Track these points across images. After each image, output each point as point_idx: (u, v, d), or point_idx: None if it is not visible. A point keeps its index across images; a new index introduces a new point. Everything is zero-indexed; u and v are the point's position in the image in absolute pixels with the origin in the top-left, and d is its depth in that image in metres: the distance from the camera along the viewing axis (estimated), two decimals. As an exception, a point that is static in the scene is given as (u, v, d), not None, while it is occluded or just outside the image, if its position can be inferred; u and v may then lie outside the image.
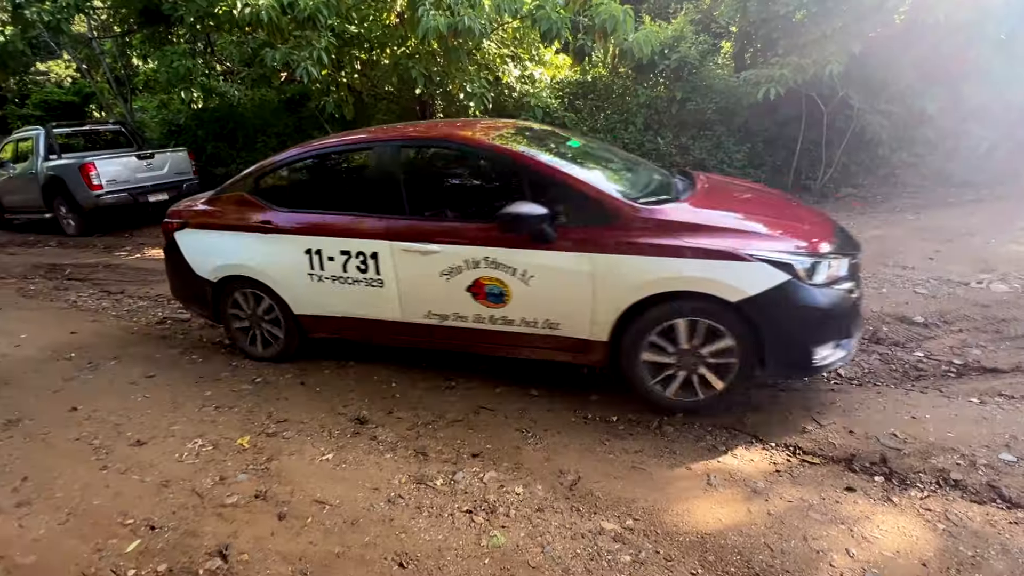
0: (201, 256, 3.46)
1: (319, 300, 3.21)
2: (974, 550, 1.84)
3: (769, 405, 2.78)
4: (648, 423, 2.71)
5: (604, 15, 5.97)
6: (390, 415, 2.84)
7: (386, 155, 3.03)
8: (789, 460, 2.38)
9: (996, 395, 2.83)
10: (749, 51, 9.38)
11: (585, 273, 2.57)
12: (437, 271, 2.83)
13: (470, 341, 2.98)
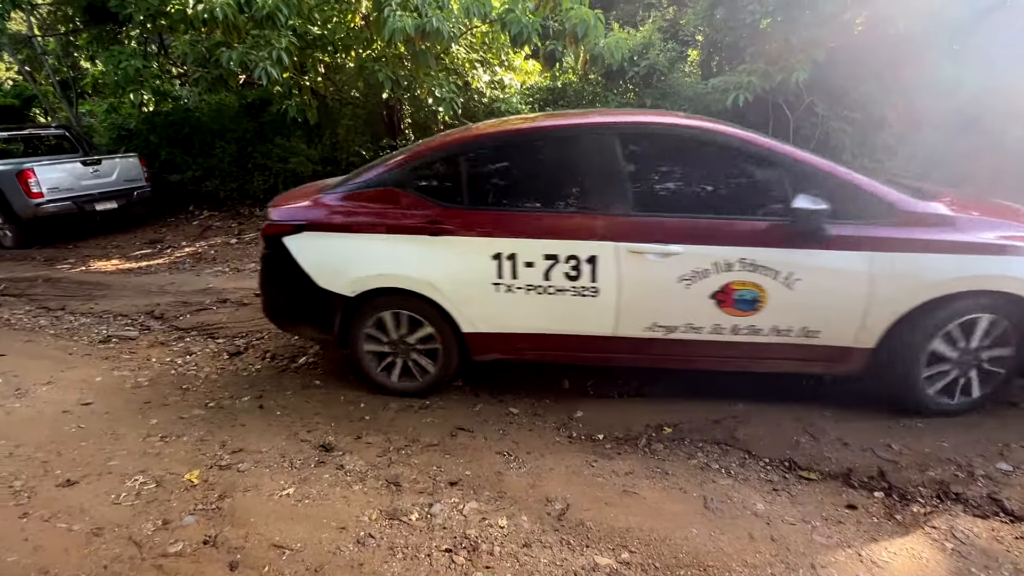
0: (331, 265, 2.79)
1: (503, 315, 2.69)
2: (986, 571, 1.75)
3: (759, 416, 2.67)
4: (636, 440, 2.56)
5: (575, 20, 5.88)
6: (359, 440, 2.60)
7: (602, 142, 2.58)
8: (786, 477, 2.27)
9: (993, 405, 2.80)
10: (716, 59, 9.50)
11: (862, 273, 2.35)
12: (675, 276, 2.48)
13: (697, 355, 2.65)
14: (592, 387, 3.15)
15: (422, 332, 2.83)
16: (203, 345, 3.85)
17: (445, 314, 2.73)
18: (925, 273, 2.32)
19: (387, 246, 2.72)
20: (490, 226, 2.63)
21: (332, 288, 2.78)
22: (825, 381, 2.95)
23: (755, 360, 2.62)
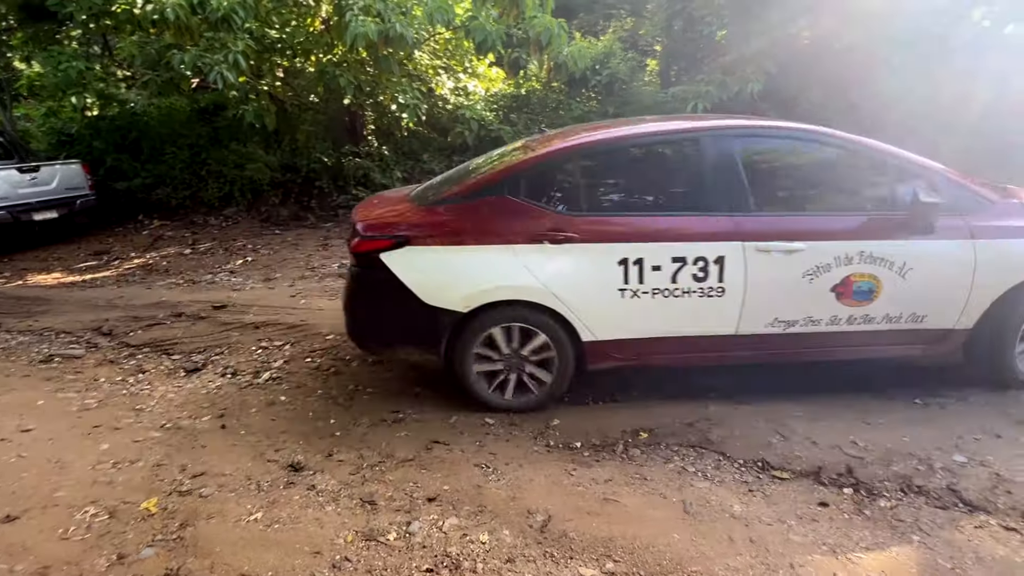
0: (441, 280, 2.63)
1: (627, 321, 2.68)
2: (952, 561, 1.82)
3: (731, 418, 2.72)
4: (613, 447, 2.56)
5: (538, 28, 5.94)
6: (330, 458, 2.50)
7: (724, 145, 2.67)
8: (759, 477, 2.31)
9: (935, 395, 2.95)
10: (674, 68, 9.78)
11: (967, 261, 2.59)
12: (800, 272, 2.59)
13: (810, 346, 2.77)
14: (567, 394, 3.15)
15: (535, 343, 2.71)
16: (157, 362, 3.65)
17: (563, 323, 2.66)
18: (1019, 257, 2.64)
19: (504, 257, 2.61)
20: (616, 232, 2.64)
21: (442, 304, 2.62)
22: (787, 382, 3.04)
23: (863, 348, 2.81)
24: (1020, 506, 2.09)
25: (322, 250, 6.05)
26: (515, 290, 2.62)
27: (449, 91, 7.51)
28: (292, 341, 3.80)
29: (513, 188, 2.67)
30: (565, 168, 2.77)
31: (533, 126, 8.42)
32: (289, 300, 4.54)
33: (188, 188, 7.78)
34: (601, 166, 2.83)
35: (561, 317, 2.64)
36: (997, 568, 1.80)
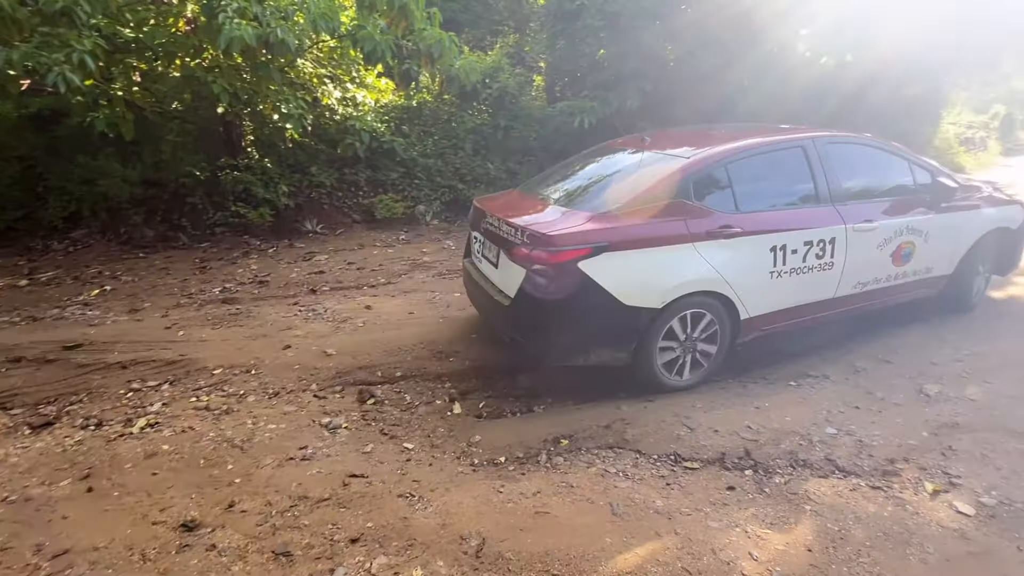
0: (639, 281, 2.86)
1: (770, 297, 3.25)
2: (837, 524, 2.07)
3: (642, 416, 2.87)
4: (537, 458, 2.59)
5: (429, 40, 5.89)
6: (231, 509, 2.23)
7: (813, 154, 3.39)
8: (674, 470, 2.46)
9: (804, 376, 3.37)
10: (559, 84, 10.26)
11: (955, 227, 3.89)
12: (875, 244, 3.50)
13: (872, 300, 3.68)
14: (485, 408, 3.13)
15: (703, 324, 3.11)
16: (-10, 421, 3.01)
17: (727, 304, 3.09)
18: (980, 223, 4.03)
19: (689, 254, 2.94)
20: (767, 224, 3.16)
21: (640, 304, 2.87)
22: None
23: (899, 295, 3.82)
24: (880, 466, 2.45)
25: (199, 273, 5.43)
26: (699, 282, 2.99)
27: (336, 101, 7.17)
28: (171, 379, 3.35)
29: (685, 192, 3.02)
30: (720, 172, 3.18)
31: (427, 138, 8.34)
32: (163, 333, 4.00)
33: (20, 208, 6.56)
34: (745, 169, 3.26)
35: (726, 299, 3.09)
36: (871, 523, 2.08)
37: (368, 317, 4.26)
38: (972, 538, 2.03)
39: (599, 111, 8.05)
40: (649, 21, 8.06)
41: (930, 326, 4.12)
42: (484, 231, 3.42)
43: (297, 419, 2.90)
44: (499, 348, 3.75)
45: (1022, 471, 2.42)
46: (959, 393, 3.11)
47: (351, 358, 3.55)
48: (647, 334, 2.96)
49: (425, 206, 7.75)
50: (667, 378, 3.13)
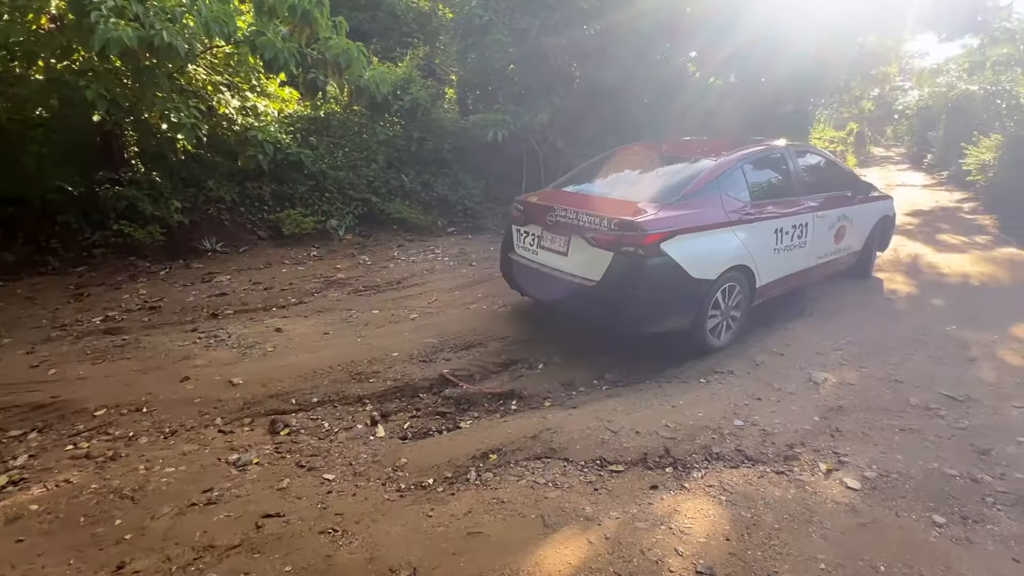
0: (701, 258, 3.56)
1: (773, 269, 4.17)
2: (750, 511, 2.22)
3: (568, 423, 2.92)
4: (466, 476, 2.53)
5: (336, 50, 5.69)
6: (120, 571, 1.96)
7: (789, 158, 4.50)
8: (600, 474, 2.52)
9: (712, 373, 3.60)
10: (471, 97, 10.34)
11: (865, 215, 5.32)
12: (826, 227, 4.69)
13: (822, 272, 4.91)
14: (410, 429, 3.03)
15: (734, 293, 3.89)
16: None
17: (748, 275, 3.92)
18: (880, 209, 5.63)
19: (729, 235, 3.76)
20: (771, 211, 4.10)
21: (703, 276, 3.58)
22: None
23: (832, 268, 5.03)
24: (782, 452, 2.67)
25: (74, 301, 4.79)
26: (737, 257, 3.80)
27: (235, 110, 6.69)
28: (40, 426, 2.91)
29: (719, 187, 3.81)
30: (738, 172, 4.00)
31: (337, 150, 8.03)
32: (29, 372, 3.47)
33: None
34: (753, 169, 4.15)
35: (749, 271, 3.92)
36: (778, 507, 2.25)
37: (279, 341, 3.99)
38: (860, 510, 2.26)
39: (512, 124, 8.20)
40: (555, 39, 8.36)
41: (813, 320, 4.60)
42: (548, 223, 3.90)
43: (199, 459, 2.63)
44: (422, 365, 3.66)
45: (895, 444, 2.75)
46: (841, 379, 3.48)
47: (260, 386, 3.29)
48: (703, 302, 3.66)
49: (337, 220, 7.44)
50: (712, 340, 3.87)
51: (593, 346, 4.12)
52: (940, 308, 4.96)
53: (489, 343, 4.04)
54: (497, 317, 4.58)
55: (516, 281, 4.36)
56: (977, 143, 13.15)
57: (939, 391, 3.31)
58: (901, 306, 5.04)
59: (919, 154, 21.53)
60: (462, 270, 6.26)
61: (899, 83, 24.40)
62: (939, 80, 21.16)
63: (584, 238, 3.60)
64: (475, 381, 3.55)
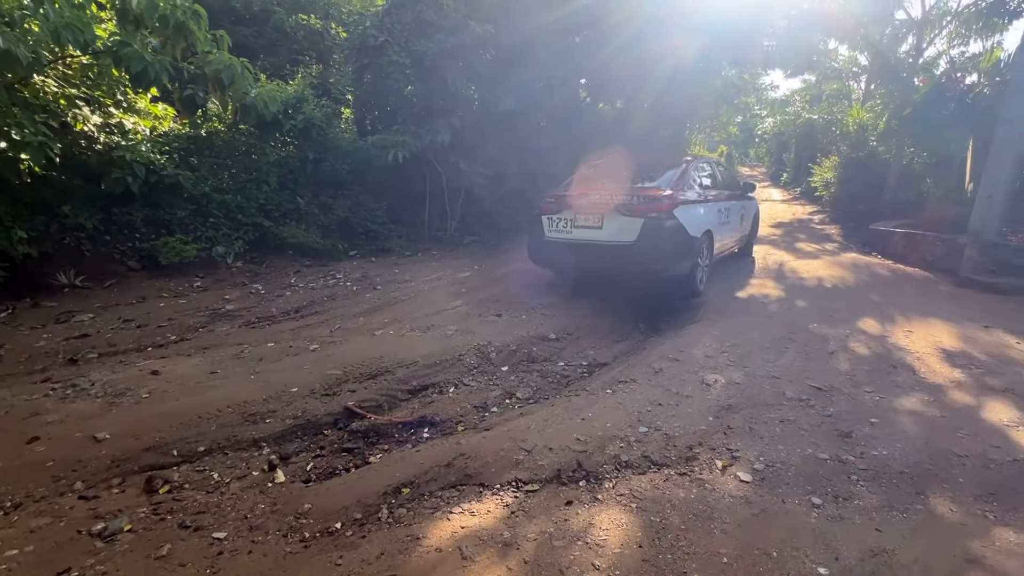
0: (694, 221, 5.48)
1: (721, 236, 6.28)
2: (658, 515, 2.32)
3: (482, 447, 2.88)
4: (377, 515, 2.40)
5: (217, 65, 5.31)
6: None
7: (713, 165, 6.96)
8: (517, 496, 2.51)
9: (616, 383, 3.76)
10: (369, 117, 10.13)
11: (750, 207, 7.84)
12: (736, 213, 7.00)
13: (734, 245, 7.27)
14: (314, 470, 2.82)
15: (706, 251, 5.84)
16: None
17: (710, 239, 5.86)
18: (754, 204, 8.16)
19: (703, 208, 5.78)
20: (714, 197, 6.19)
21: (695, 234, 5.40)
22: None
23: (738, 243, 7.40)
24: (683, 454, 2.84)
25: None
26: (706, 224, 5.72)
27: (96, 128, 5.96)
28: None
29: (691, 177, 5.90)
30: (695, 168, 6.15)
31: (222, 171, 7.45)
32: None
33: None
34: (700, 170, 6.34)
35: (711, 235, 5.89)
36: (683, 508, 2.38)
37: (155, 385, 3.55)
38: (753, 501, 2.46)
39: (412, 145, 8.14)
40: (452, 62, 8.47)
41: (703, 325, 5.00)
42: (582, 207, 5.47)
43: (53, 534, 2.24)
44: (325, 399, 3.44)
45: (776, 436, 3.03)
46: (728, 379, 3.80)
47: (133, 439, 2.89)
48: (697, 253, 5.53)
49: (225, 247, 6.86)
50: (699, 286, 5.80)
51: (503, 365, 4.14)
52: (803, 308, 5.63)
53: (397, 370, 3.91)
54: (405, 342, 4.45)
55: (551, 259, 5.91)
56: (820, 163, 15.27)
57: (808, 383, 3.73)
58: (773, 308, 5.64)
59: (777, 172, 24.56)
60: (366, 295, 6.04)
61: (757, 111, 27.75)
62: (788, 110, 24.40)
63: (619, 212, 5.25)
64: (384, 411, 3.41)
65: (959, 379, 3.84)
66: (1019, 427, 3.14)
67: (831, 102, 18.44)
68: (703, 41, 10.32)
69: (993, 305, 5.96)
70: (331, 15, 10.22)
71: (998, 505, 2.45)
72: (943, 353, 4.35)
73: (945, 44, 13.11)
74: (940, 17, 12.80)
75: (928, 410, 3.36)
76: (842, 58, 16.74)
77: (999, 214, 7.13)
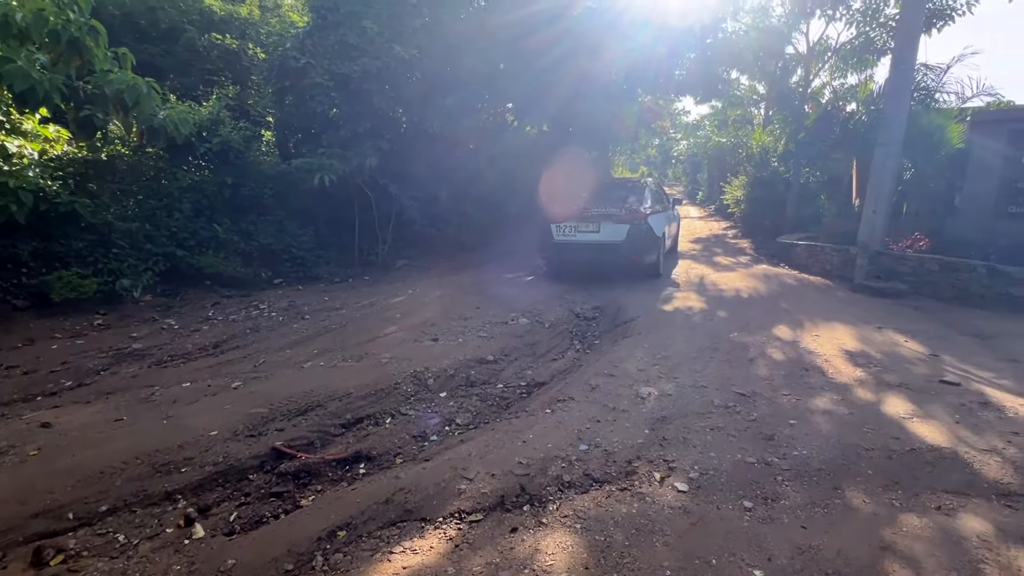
0: (659, 226, 8.14)
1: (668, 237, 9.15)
2: (603, 534, 2.33)
3: (421, 480, 2.78)
4: (311, 564, 2.24)
5: (118, 85, 4.92)
6: None
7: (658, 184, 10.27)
8: (460, 527, 2.43)
9: (555, 402, 3.79)
10: (292, 140, 9.78)
11: (677, 216, 10.70)
12: (673, 220, 9.96)
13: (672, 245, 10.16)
14: (238, 521, 2.59)
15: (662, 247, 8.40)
16: None
17: (663, 239, 8.45)
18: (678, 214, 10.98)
19: (659, 217, 8.32)
20: (660, 209, 8.63)
21: (658, 234, 8.01)
22: (462, 425, 3.39)
23: (672, 244, 10.20)
24: (623, 469, 2.89)
25: None
26: (661, 227, 8.26)
27: (-30, 151, 5.32)
28: None
29: (650, 195, 8.45)
30: (650, 190, 8.65)
31: (127, 198, 6.89)
32: None
33: None
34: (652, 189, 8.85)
35: (664, 236, 8.50)
36: (626, 523, 2.41)
37: (46, 440, 3.15)
38: (691, 510, 2.53)
39: (339, 168, 7.93)
40: (378, 85, 8.40)
41: (634, 339, 5.17)
42: (584, 217, 7.69)
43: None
44: (249, 441, 3.20)
45: (708, 443, 3.17)
46: (661, 391, 3.94)
47: (18, 505, 2.54)
48: (660, 247, 8.02)
49: (131, 280, 6.31)
50: (662, 271, 8.29)
51: (441, 391, 4.06)
52: (724, 319, 5.98)
53: (329, 403, 3.72)
54: (337, 373, 4.25)
55: (558, 255, 8.03)
56: (731, 183, 16.49)
57: (733, 390, 3.94)
58: (697, 320, 5.95)
59: (693, 191, 26.27)
60: (293, 325, 5.74)
61: (673, 135, 29.64)
62: (699, 133, 26.25)
63: (612, 220, 7.59)
64: (315, 449, 3.22)
65: (861, 377, 4.21)
66: (913, 419, 3.48)
67: (736, 126, 20.06)
68: (623, 70, 10.91)
69: (883, 308, 6.63)
70: (248, 35, 9.83)
71: (902, 493, 2.68)
72: (846, 354, 4.76)
73: (828, 76, 14.71)
74: (822, 53, 14.37)
75: (838, 408, 3.65)
76: (743, 87, 18.32)
77: (882, 226, 7.98)
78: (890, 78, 8.14)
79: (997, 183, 8.20)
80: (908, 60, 7.81)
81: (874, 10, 12.52)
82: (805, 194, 13.28)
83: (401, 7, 8.92)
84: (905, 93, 7.85)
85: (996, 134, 8.22)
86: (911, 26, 7.82)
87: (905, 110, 7.80)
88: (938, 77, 10.04)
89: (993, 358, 4.74)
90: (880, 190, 7.84)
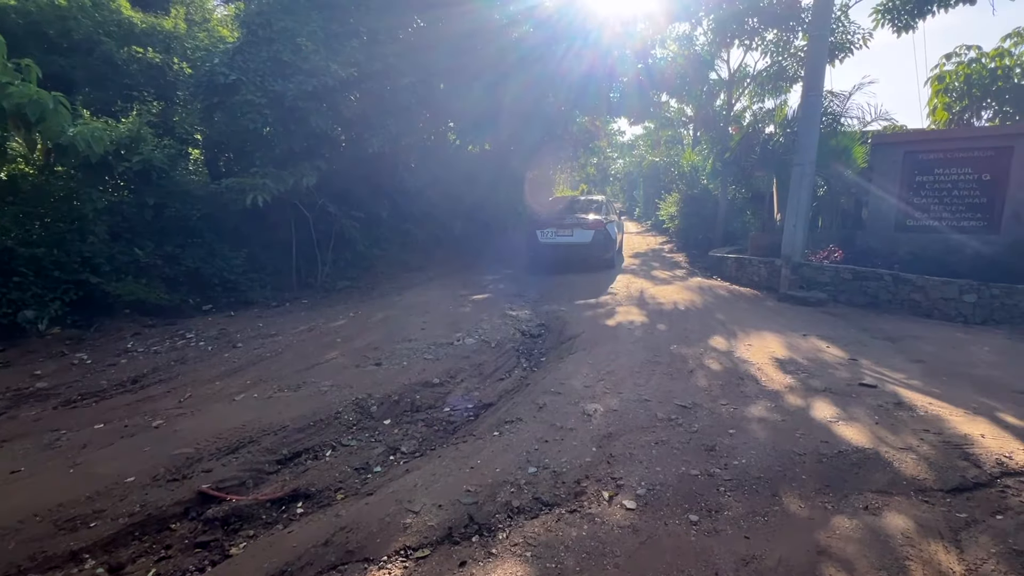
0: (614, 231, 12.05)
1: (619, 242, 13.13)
2: (553, 560, 2.30)
3: (365, 515, 2.65)
4: (242, 618, 2.06)
5: (19, 99, 4.51)
6: None
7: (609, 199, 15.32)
8: (406, 566, 2.32)
9: (503, 424, 3.74)
10: (222, 159, 9.32)
11: (621, 226, 13.85)
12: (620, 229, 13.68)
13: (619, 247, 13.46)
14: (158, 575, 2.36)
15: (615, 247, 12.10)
16: None
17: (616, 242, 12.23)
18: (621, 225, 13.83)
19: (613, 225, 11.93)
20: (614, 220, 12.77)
21: (613, 237, 11.68)
22: (408, 454, 3.26)
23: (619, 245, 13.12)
24: (572, 490, 2.87)
25: None
26: (615, 233, 11.97)
27: None
28: None
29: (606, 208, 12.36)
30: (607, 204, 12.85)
31: (31, 221, 6.29)
32: None
33: None
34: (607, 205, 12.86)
35: (618, 239, 12.47)
36: (576, 547, 2.38)
37: (-76, 500, 2.75)
38: (639, 528, 2.55)
39: (274, 188, 7.62)
40: (315, 104, 8.18)
41: (579, 355, 5.23)
42: (562, 225, 10.76)
43: None
44: (172, 486, 2.93)
45: (653, 458, 3.21)
46: (607, 407, 3.98)
47: None
48: (614, 247, 11.58)
49: (35, 310, 5.74)
50: (617, 263, 11.85)
51: (385, 418, 3.91)
52: (664, 332, 6.18)
53: (263, 438, 3.49)
54: (272, 405, 4.01)
55: (543, 254, 10.75)
56: (665, 200, 17.23)
57: (675, 403, 4.04)
58: (639, 334, 6.11)
59: (631, 207, 27.26)
60: (224, 355, 5.39)
61: (610, 154, 30.75)
62: (634, 152, 27.34)
63: (581, 227, 10.60)
64: (248, 489, 3.00)
65: (791, 384, 4.45)
66: (839, 422, 3.70)
67: (668, 146, 21.10)
68: (561, 93, 11.22)
69: (806, 315, 7.08)
70: (173, 49, 9.32)
71: (833, 495, 2.82)
72: (776, 362, 5.02)
73: (748, 100, 15.80)
74: (742, 79, 15.44)
75: (771, 416, 3.82)
76: (673, 109, 19.34)
77: (802, 239, 8.57)
78: (801, 103, 8.84)
79: (896, 199, 9.03)
80: (816, 88, 8.52)
81: (785, 42, 13.64)
82: (733, 210, 14.09)
83: (338, 26, 8.79)
84: (815, 117, 8.53)
85: (893, 155, 9.07)
86: (817, 57, 8.55)
87: (816, 133, 8.47)
88: (842, 103, 10.98)
89: (904, 359, 5.15)
90: (798, 206, 8.43)
